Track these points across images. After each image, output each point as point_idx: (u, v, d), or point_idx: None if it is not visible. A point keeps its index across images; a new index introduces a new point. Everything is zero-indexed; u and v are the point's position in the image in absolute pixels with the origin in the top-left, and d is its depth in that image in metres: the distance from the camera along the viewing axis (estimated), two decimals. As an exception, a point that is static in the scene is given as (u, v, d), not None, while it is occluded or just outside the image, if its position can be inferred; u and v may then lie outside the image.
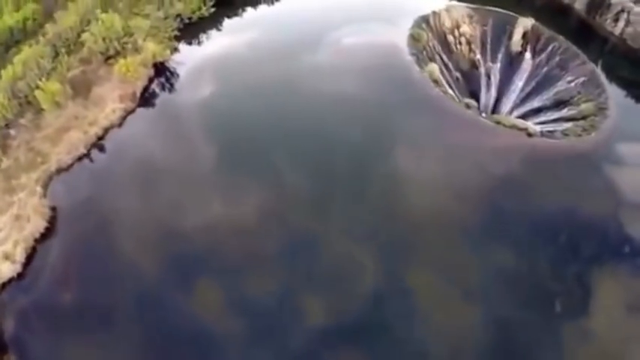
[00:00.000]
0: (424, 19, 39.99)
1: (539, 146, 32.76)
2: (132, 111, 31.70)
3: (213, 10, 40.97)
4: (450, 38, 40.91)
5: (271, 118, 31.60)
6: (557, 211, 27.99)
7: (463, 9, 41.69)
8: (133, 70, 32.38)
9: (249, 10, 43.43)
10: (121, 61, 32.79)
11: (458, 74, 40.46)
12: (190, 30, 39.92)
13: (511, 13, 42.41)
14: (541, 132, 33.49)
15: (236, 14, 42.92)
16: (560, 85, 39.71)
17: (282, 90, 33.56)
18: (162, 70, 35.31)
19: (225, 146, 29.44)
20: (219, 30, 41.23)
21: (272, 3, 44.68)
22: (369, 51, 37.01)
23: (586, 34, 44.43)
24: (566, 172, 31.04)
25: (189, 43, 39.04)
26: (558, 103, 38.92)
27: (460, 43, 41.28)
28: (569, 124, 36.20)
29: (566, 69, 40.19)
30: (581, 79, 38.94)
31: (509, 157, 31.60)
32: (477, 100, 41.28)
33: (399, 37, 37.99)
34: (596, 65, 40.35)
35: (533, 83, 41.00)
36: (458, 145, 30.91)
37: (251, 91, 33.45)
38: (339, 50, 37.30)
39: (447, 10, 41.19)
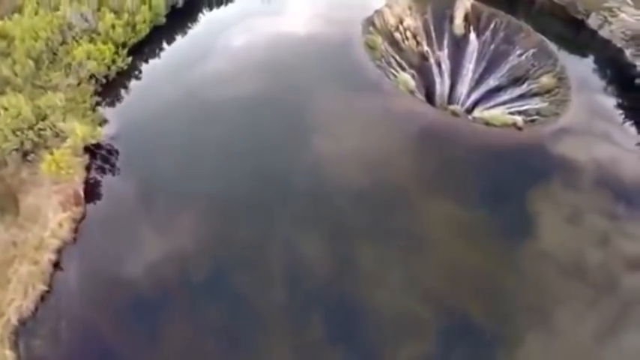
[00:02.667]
0: (370, 22, 37.18)
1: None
2: (82, 217, 25.91)
3: (129, 59, 34.95)
4: (398, 35, 38.58)
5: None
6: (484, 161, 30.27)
7: (403, 1, 39.35)
8: (65, 166, 26.31)
9: (164, 53, 37.73)
10: (47, 157, 26.50)
11: (413, 71, 38.39)
12: (111, 90, 33.79)
13: (447, -5, 41.00)
14: (523, 121, 32.44)
15: (150, 59, 37.07)
16: (512, 60, 39.24)
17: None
18: (98, 153, 29.36)
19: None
20: (139, 80, 35.32)
21: (189, 38, 39.34)
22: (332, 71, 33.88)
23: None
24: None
25: (115, 107, 32.96)
26: (516, 80, 38.46)
27: (407, 38, 39.13)
28: (536, 101, 35.86)
29: (513, 43, 39.73)
30: (531, 51, 38.69)
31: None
32: (434, 91, 39.87)
33: (355, 46, 35.08)
34: (539, 32, 40.36)
35: (483, 63, 40.15)
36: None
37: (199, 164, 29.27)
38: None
39: (389, 6, 38.60)
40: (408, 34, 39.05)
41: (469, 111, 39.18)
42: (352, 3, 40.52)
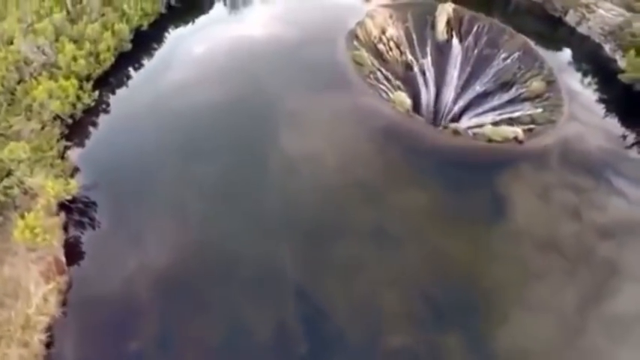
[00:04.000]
0: (353, 35, 35.33)
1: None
2: (69, 287, 23.14)
3: (96, 93, 31.84)
4: (381, 47, 36.98)
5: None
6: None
7: (383, 10, 37.68)
8: (40, 231, 23.36)
9: (133, 82, 34.73)
10: (19, 222, 23.48)
11: (398, 82, 36.95)
12: (79, 131, 30.71)
13: (427, 1, 39.66)
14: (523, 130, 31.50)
15: (118, 90, 34.00)
16: (497, 65, 38.47)
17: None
18: (74, 208, 26.44)
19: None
20: (108, 115, 32.28)
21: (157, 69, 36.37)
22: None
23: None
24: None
25: (87, 150, 29.88)
26: (503, 85, 37.72)
27: (391, 49, 37.60)
28: (528, 107, 35.18)
29: (497, 46, 38.95)
30: (516, 54, 38.01)
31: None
32: (420, 101, 38.67)
33: (342, 63, 33.32)
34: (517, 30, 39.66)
35: (468, 68, 39.24)
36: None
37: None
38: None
39: (370, 16, 36.82)
40: (392, 44, 37.55)
41: (456, 119, 38.36)
42: (333, 15, 38.43)
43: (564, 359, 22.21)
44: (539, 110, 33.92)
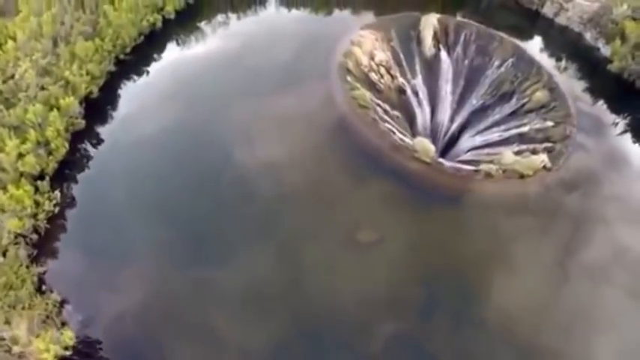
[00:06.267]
0: (344, 69, 31.32)
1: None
2: None
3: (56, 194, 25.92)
4: (374, 76, 33.24)
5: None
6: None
7: (368, 34, 33.76)
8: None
9: (94, 163, 28.94)
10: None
11: (396, 112, 33.61)
12: (49, 248, 24.91)
13: (408, 13, 36.18)
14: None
15: (80, 177, 28.16)
16: (491, 74, 36.14)
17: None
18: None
19: None
20: (75, 211, 26.53)
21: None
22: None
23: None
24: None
25: (65, 276, 24.07)
26: (502, 96, 35.49)
27: (382, 76, 34.01)
28: (535, 120, 33.17)
29: (488, 54, 36.53)
30: (510, 60, 35.77)
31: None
32: (416, 124, 35.74)
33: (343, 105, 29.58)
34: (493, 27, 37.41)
35: (461, 81, 36.65)
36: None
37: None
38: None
39: (357, 44, 32.78)
40: (382, 70, 33.90)
41: (455, 138, 35.96)
42: (309, 44, 33.98)
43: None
44: (550, 124, 32.00)
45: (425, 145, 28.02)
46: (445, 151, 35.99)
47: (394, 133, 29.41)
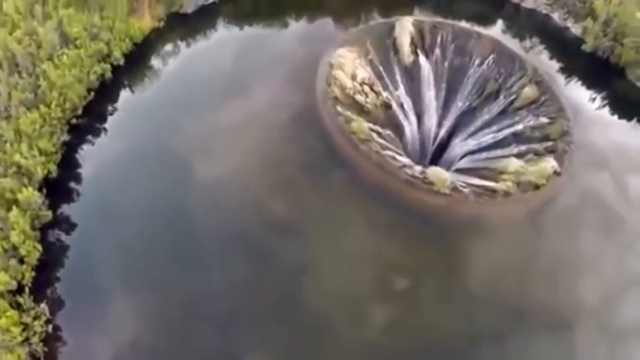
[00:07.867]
0: (332, 97, 28.82)
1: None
2: None
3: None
4: (359, 98, 30.86)
5: None
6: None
7: (346, 52, 31.12)
8: None
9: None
10: None
11: (388, 131, 31.63)
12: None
13: (381, 20, 33.87)
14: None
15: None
16: (474, 73, 34.75)
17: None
18: None
19: None
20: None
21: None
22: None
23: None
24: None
25: None
26: (488, 95, 34.26)
27: (367, 95, 31.67)
28: (526, 117, 32.23)
29: (467, 53, 34.98)
30: (490, 57, 34.44)
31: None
32: (404, 134, 33.97)
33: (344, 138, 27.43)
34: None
35: (443, 84, 35.05)
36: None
37: None
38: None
39: (338, 66, 30.12)
40: (366, 88, 31.56)
41: (445, 144, 34.57)
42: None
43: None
44: (545, 120, 31.18)
45: (440, 176, 26.43)
46: (437, 157, 34.68)
47: (396, 160, 27.42)
